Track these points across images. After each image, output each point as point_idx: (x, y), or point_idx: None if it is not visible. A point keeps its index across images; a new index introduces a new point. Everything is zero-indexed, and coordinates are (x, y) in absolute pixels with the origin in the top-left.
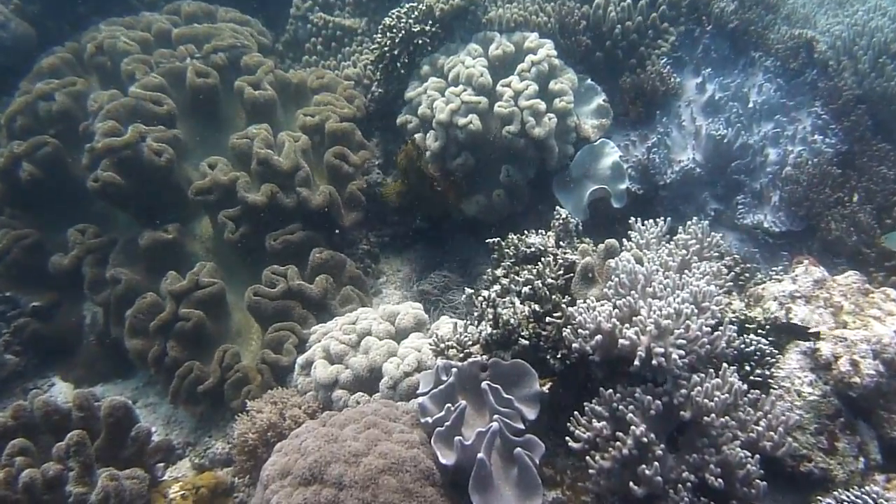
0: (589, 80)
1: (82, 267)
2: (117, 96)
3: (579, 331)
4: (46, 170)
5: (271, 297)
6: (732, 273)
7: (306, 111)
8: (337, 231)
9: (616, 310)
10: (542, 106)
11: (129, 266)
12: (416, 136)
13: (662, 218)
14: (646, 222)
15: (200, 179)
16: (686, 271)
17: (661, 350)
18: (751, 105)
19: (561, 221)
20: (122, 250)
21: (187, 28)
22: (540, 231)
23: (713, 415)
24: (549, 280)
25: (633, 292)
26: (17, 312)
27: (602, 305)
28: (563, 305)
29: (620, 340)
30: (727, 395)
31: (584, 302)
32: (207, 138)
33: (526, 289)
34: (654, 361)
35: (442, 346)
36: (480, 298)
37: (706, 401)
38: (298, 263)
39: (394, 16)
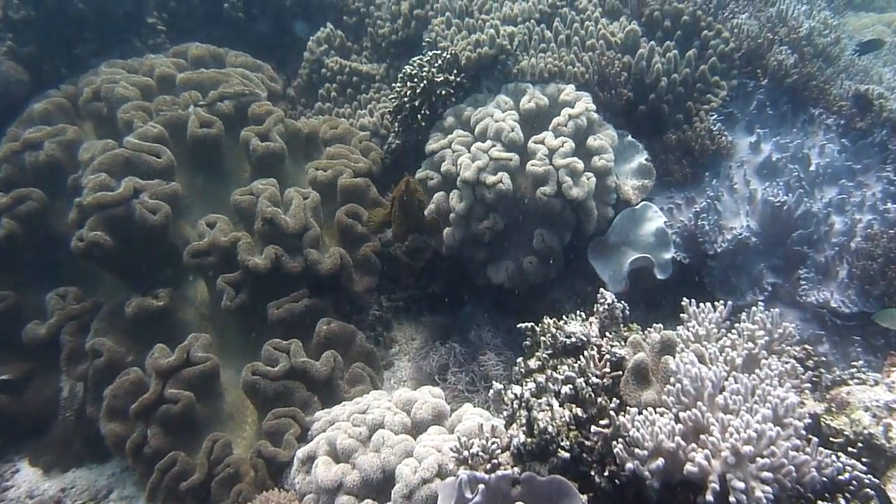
0: (629, 137)
1: (61, 335)
2: (111, 147)
3: (635, 450)
4: (28, 226)
5: (272, 377)
6: (808, 371)
7: (318, 165)
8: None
9: (679, 424)
10: (580, 165)
11: (114, 336)
12: (438, 194)
13: (721, 301)
14: (702, 306)
15: (198, 239)
16: (756, 370)
17: (742, 485)
18: (812, 168)
19: (606, 307)
20: (106, 317)
21: (193, 73)
22: (579, 313)
23: None
24: (594, 379)
25: (699, 403)
26: None
27: (662, 417)
28: (612, 412)
29: (687, 466)
30: None
31: (640, 413)
32: (209, 192)
33: (566, 388)
34: (731, 499)
35: (465, 453)
36: (511, 396)
37: None
38: (303, 334)
39: (415, 64)
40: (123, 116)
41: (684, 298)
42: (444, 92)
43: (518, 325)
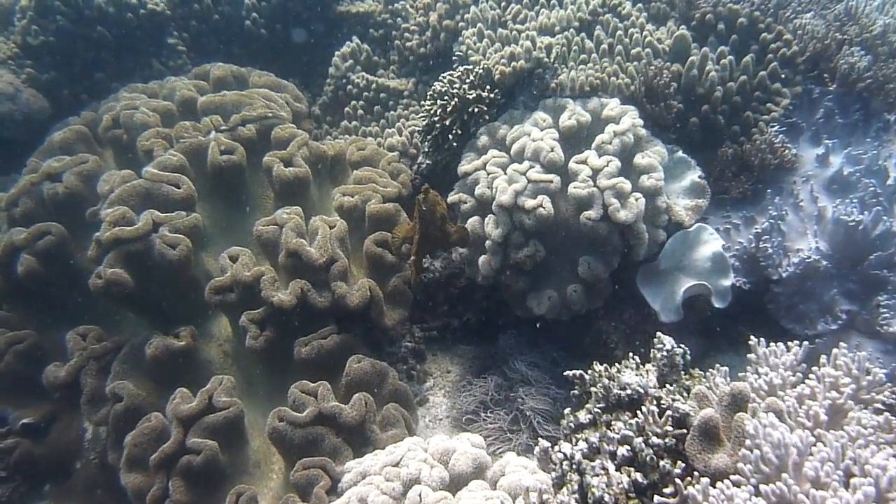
0: (680, 153)
1: (81, 377)
2: (130, 178)
3: None
4: (48, 262)
5: (299, 424)
6: None
7: (344, 190)
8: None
9: (761, 499)
10: (628, 185)
11: (135, 378)
12: (472, 220)
13: (797, 342)
14: (773, 347)
15: (220, 273)
16: (844, 426)
17: None
18: (890, 182)
19: (665, 353)
20: (127, 358)
21: (214, 97)
22: (632, 356)
23: None
24: (655, 439)
25: (783, 475)
26: (5, 431)
27: (741, 492)
28: (678, 480)
29: None
30: None
31: (713, 484)
32: (232, 222)
33: (623, 450)
34: None
35: None
36: (560, 456)
37: None
38: (332, 372)
39: (445, 80)
40: (143, 144)
41: (752, 337)
42: (476, 109)
43: (565, 374)
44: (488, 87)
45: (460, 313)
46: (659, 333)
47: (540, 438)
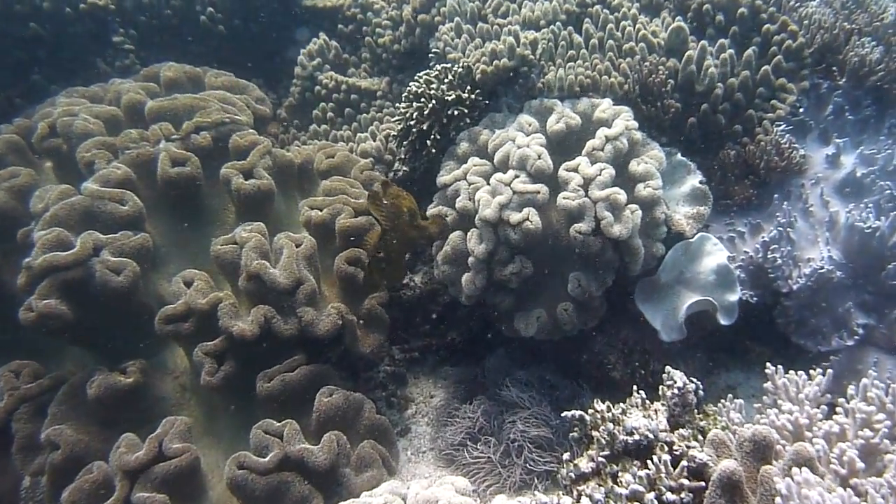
0: (678, 156)
1: (12, 423)
2: (68, 194)
3: None
4: None
5: (261, 471)
6: None
7: (312, 203)
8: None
9: None
10: (622, 196)
11: (76, 420)
12: (454, 235)
13: (819, 370)
14: (792, 376)
15: (173, 299)
16: (883, 473)
17: None
18: None
19: (677, 392)
20: (66, 398)
21: (165, 101)
22: (638, 393)
23: None
24: (670, 495)
25: None
26: None
27: None
28: None
29: None
30: None
31: None
32: (189, 238)
33: None
34: None
35: None
36: None
37: None
38: (301, 406)
39: (421, 80)
40: (84, 156)
41: (768, 366)
42: (456, 112)
43: (563, 415)
44: (468, 87)
45: (443, 332)
46: (669, 369)
47: (535, 489)
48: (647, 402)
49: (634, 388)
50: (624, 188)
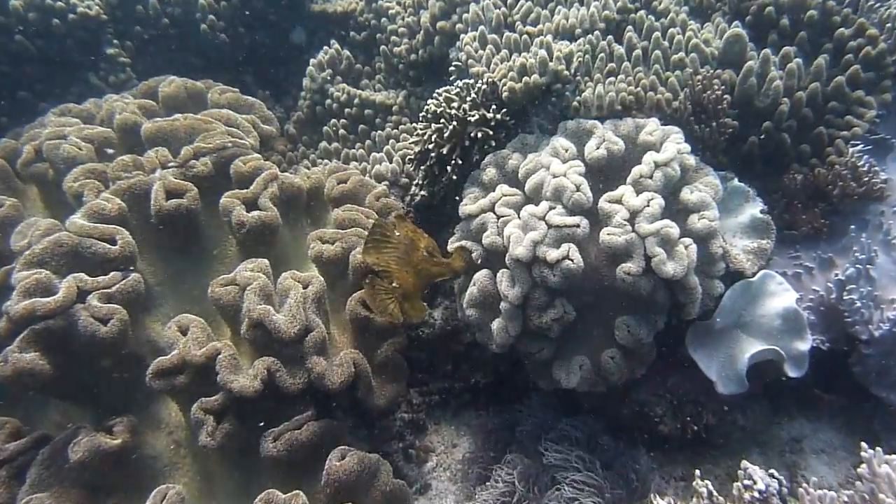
0: (735, 181)
1: None
2: (53, 230)
3: None
4: None
5: None
6: None
7: (323, 235)
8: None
9: None
10: (675, 230)
11: (58, 486)
12: (481, 274)
13: None
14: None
15: (166, 348)
16: None
17: None
18: None
19: (758, 498)
20: (48, 461)
21: (163, 122)
22: (706, 486)
23: None
24: None
25: None
26: None
27: None
28: None
29: None
30: None
31: None
32: (185, 276)
33: None
34: None
35: None
36: None
37: None
38: (309, 468)
39: (441, 98)
40: (71, 187)
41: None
42: (479, 134)
43: None
44: (494, 106)
45: (467, 374)
46: (746, 464)
47: None
48: (716, 496)
49: (697, 475)
50: (675, 221)
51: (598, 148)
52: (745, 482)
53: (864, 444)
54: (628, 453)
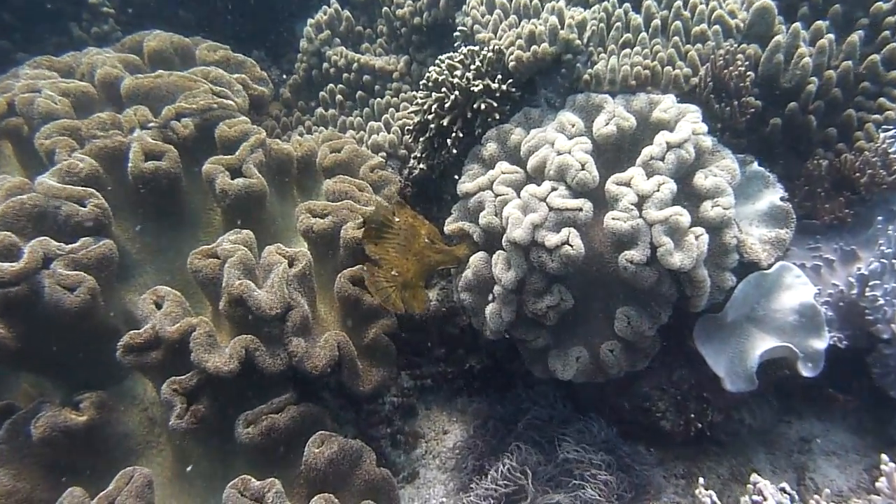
0: (755, 165)
1: None
2: (21, 189)
3: None
4: None
5: None
6: None
7: (312, 208)
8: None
9: None
10: (685, 218)
11: (18, 464)
12: (476, 257)
13: None
14: None
15: (142, 322)
16: None
17: None
18: None
19: None
20: (9, 436)
21: (144, 79)
22: (710, 497)
23: None
24: None
25: None
26: None
27: None
28: None
29: None
30: None
31: None
32: (166, 242)
33: None
34: None
35: None
36: None
37: None
38: (288, 453)
39: (443, 66)
40: (43, 144)
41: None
42: (483, 105)
43: None
44: (500, 76)
45: (461, 358)
46: (755, 477)
47: None
48: None
49: (702, 483)
50: (687, 209)
51: (607, 124)
52: (754, 497)
53: (884, 457)
54: (636, 454)
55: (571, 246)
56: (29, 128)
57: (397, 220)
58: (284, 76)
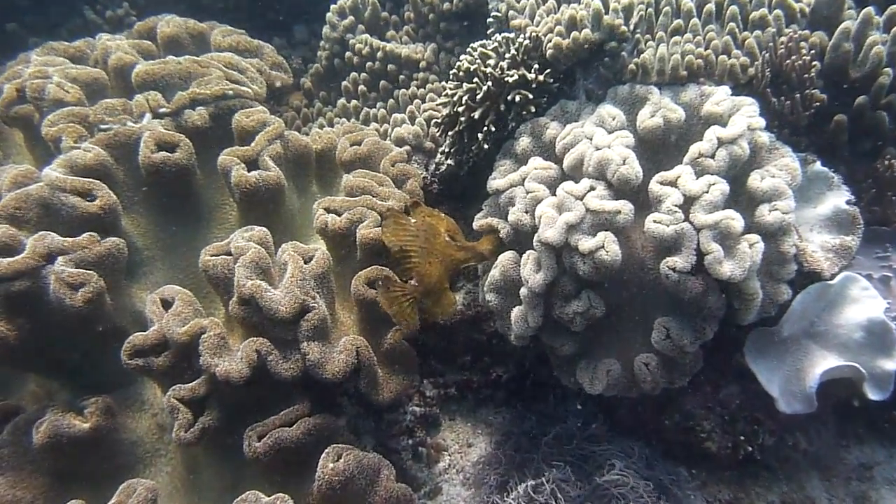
0: (817, 164)
1: None
2: (27, 178)
3: None
4: None
5: None
6: None
7: (329, 204)
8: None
9: None
10: (738, 223)
11: (19, 471)
12: (504, 256)
13: None
14: None
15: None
16: None
17: None
18: None
19: None
20: (11, 440)
21: (154, 65)
22: None
23: None
24: None
25: None
26: None
27: None
28: None
29: None
30: None
31: None
32: (178, 239)
33: None
34: None
35: None
36: None
37: None
38: (304, 466)
39: (475, 54)
40: (49, 131)
41: None
42: (517, 97)
43: None
44: (536, 65)
45: (487, 367)
46: None
47: None
48: None
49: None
50: (740, 212)
51: (652, 116)
52: None
53: None
54: (677, 476)
55: (607, 252)
56: (39, 115)
57: (413, 220)
58: (307, 66)
